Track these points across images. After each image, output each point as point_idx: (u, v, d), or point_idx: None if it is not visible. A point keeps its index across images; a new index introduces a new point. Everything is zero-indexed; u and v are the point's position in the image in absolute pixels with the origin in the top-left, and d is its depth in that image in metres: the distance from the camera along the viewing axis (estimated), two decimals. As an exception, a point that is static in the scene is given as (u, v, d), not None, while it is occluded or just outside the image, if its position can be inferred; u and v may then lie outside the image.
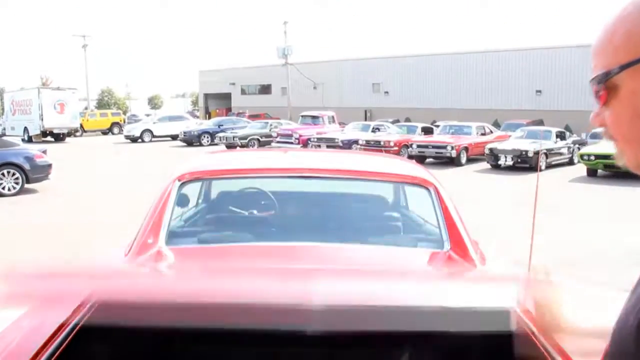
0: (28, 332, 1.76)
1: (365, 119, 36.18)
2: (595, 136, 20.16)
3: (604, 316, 1.58)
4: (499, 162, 18.04)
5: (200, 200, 3.53)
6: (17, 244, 7.87)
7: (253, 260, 2.47)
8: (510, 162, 17.73)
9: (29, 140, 30.69)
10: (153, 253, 2.46)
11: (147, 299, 1.70)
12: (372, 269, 2.35)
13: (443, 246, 2.66)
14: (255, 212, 3.12)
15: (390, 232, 3.05)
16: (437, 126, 24.06)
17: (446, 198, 2.85)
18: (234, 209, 3.20)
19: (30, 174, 12.64)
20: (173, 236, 2.66)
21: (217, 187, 3.53)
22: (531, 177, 16.31)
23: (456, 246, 2.63)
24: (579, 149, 17.91)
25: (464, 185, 14.09)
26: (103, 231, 8.78)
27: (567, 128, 25.35)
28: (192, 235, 2.93)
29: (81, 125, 36.83)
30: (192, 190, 3.28)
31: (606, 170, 16.14)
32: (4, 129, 36.29)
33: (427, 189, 2.90)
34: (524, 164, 17.53)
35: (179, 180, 2.83)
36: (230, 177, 3.05)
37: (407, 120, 32.70)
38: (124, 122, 42.60)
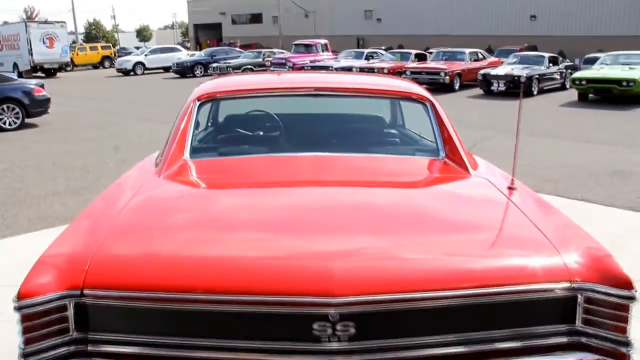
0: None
1: (358, 47, 35.81)
2: (588, 62, 20.25)
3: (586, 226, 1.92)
4: (492, 88, 18.21)
5: (209, 124, 3.85)
6: (31, 174, 8.21)
7: (269, 169, 2.84)
8: (503, 88, 17.90)
9: (20, 76, 30.39)
10: (180, 165, 2.82)
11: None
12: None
13: (439, 155, 3.02)
14: (262, 133, 3.44)
15: (389, 144, 3.39)
16: (431, 53, 24.00)
17: (441, 112, 3.18)
18: (243, 131, 3.51)
19: (30, 108, 12.78)
20: (195, 152, 3.01)
21: (226, 111, 3.83)
22: (524, 103, 16.55)
23: (451, 155, 2.99)
24: (571, 74, 18.03)
25: (456, 111, 14.35)
26: (109, 156, 9.17)
27: (562, 54, 25.33)
28: (212, 150, 3.27)
29: (72, 60, 36.37)
30: (202, 116, 3.59)
31: (597, 95, 16.39)
32: (-7, 65, 35.78)
33: (424, 104, 3.23)
34: (516, 89, 17.69)
35: (199, 100, 3.14)
36: (245, 96, 3.33)
37: (401, 47, 32.41)
38: (115, 55, 42.01)
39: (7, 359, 3.23)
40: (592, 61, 19.17)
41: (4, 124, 12.44)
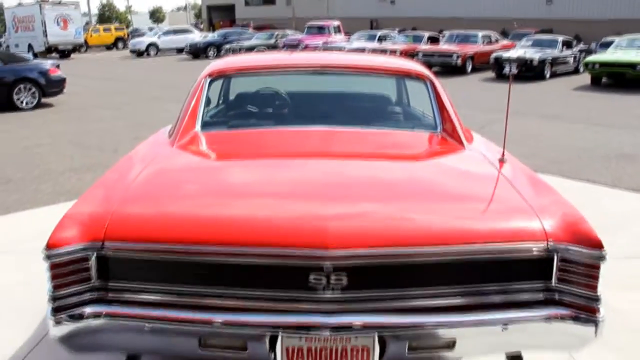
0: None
1: (371, 29, 35.67)
2: (604, 45, 20.03)
3: (589, 206, 2.07)
4: (504, 71, 18.16)
5: (220, 102, 4.04)
6: (48, 152, 8.47)
7: (275, 140, 3.04)
8: (514, 71, 17.83)
9: (34, 57, 30.71)
10: (192, 136, 3.02)
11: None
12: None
13: (436, 129, 3.20)
14: (270, 109, 3.62)
15: (391, 120, 3.56)
16: (444, 36, 23.93)
17: (440, 89, 3.35)
18: (251, 107, 3.69)
19: (46, 88, 13.04)
20: (206, 125, 3.21)
21: (235, 88, 4.01)
22: (534, 86, 16.55)
23: (447, 129, 3.16)
24: (585, 57, 17.92)
25: (467, 94, 14.43)
26: (123, 135, 9.40)
27: (577, 37, 25.06)
28: (222, 124, 3.46)
29: (85, 41, 36.64)
30: (213, 95, 3.77)
31: (610, 79, 16.30)
32: (8, 46, 36.13)
33: (424, 81, 3.40)
34: (529, 72, 17.66)
35: (210, 76, 3.34)
36: (254, 73, 3.50)
37: (414, 30, 32.25)
38: (128, 36, 42.22)
39: (32, 319, 3.47)
40: (609, 45, 18.97)
41: (21, 103, 12.71)
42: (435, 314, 2.02)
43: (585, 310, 2.05)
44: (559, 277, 2.07)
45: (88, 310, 2.03)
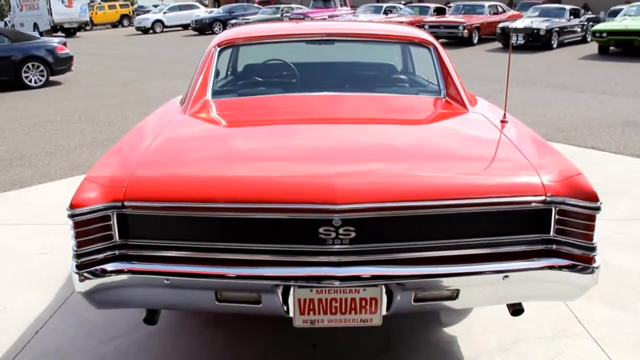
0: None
1: (377, 2, 35.31)
2: (613, 14, 19.80)
3: (592, 171, 2.16)
4: (511, 42, 17.99)
5: (229, 72, 4.12)
6: (59, 128, 8.60)
7: (284, 106, 3.13)
8: (521, 41, 17.74)
9: (40, 35, 30.70)
10: (203, 103, 3.12)
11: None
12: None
13: (440, 94, 3.28)
14: (278, 78, 3.70)
15: (396, 86, 3.64)
16: (450, 7, 23.71)
17: (444, 55, 3.42)
18: (260, 77, 3.77)
19: (54, 66, 13.10)
20: (216, 93, 3.31)
21: (244, 59, 4.09)
22: (542, 55, 16.45)
23: (451, 93, 3.24)
24: (592, 26, 17.74)
25: (473, 64, 14.39)
26: (132, 110, 9.51)
27: (586, 7, 24.72)
28: (231, 92, 3.56)
29: (90, 19, 36.55)
30: (222, 66, 3.85)
31: (618, 47, 16.17)
32: (13, 25, 36.09)
33: (427, 47, 3.46)
34: (536, 42, 17.53)
35: (219, 45, 3.43)
36: (261, 42, 3.58)
37: (420, 1, 31.90)
38: (133, 13, 42.04)
39: (52, 285, 3.63)
40: (617, 13, 18.75)
41: (30, 81, 12.80)
42: (439, 264, 2.13)
43: (582, 260, 2.15)
44: (557, 229, 2.17)
45: (110, 267, 2.15)
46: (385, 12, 23.96)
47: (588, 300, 3.25)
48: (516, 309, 2.38)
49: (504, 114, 2.85)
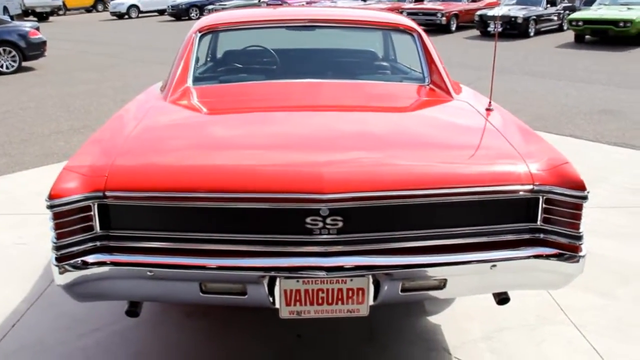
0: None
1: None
2: (588, 3, 19.98)
3: (570, 159, 2.16)
4: (488, 29, 18.13)
5: (208, 59, 4.04)
6: (33, 115, 8.39)
7: (266, 93, 3.07)
8: (499, 29, 17.82)
9: (11, 20, 29.89)
10: (184, 90, 3.05)
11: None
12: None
13: (424, 81, 3.25)
14: (259, 65, 3.64)
15: (379, 73, 3.61)
16: (429, -6, 23.69)
17: (428, 42, 3.39)
18: (240, 63, 3.70)
19: (26, 51, 12.74)
20: (197, 80, 3.24)
21: (224, 45, 4.01)
22: (519, 44, 16.55)
23: (435, 81, 3.21)
24: (569, 15, 17.90)
25: (452, 52, 14.41)
26: (108, 97, 9.33)
27: (561, -6, 24.90)
28: (212, 79, 3.48)
29: (64, 3, 35.68)
30: (202, 53, 3.77)
31: (593, 36, 16.34)
32: (-18, 8, 35.10)
33: (411, 34, 3.43)
34: (513, 30, 17.63)
35: (200, 31, 3.35)
36: (242, 27, 3.50)
37: (399, -11, 31.81)
38: (108, -2, 41.17)
39: (29, 277, 3.54)
40: (592, 2, 18.98)
41: (1, 67, 12.46)
42: (427, 254, 2.11)
43: (569, 249, 2.16)
44: (544, 218, 2.16)
45: (91, 258, 2.09)
46: (364, -1, 23.87)
47: (570, 288, 3.24)
48: (502, 298, 2.38)
49: (490, 102, 2.84)
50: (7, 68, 12.53)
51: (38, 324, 3.03)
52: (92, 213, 2.08)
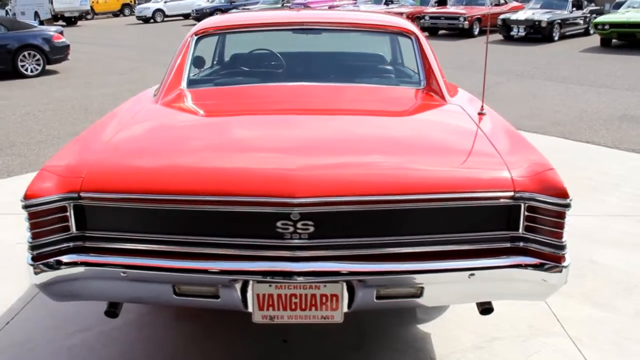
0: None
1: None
2: (618, 6, 19.53)
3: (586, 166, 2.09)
4: (512, 33, 17.87)
5: (214, 62, 4.04)
6: (51, 117, 8.54)
7: (255, 96, 3.06)
8: (522, 33, 17.56)
9: (41, 24, 30.55)
10: (177, 94, 3.06)
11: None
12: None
13: (420, 84, 3.20)
14: (258, 69, 3.62)
15: (373, 76, 3.56)
16: (453, -2, 23.51)
17: (425, 45, 3.34)
18: (239, 67, 3.70)
19: (50, 55, 13.02)
20: (192, 83, 3.24)
21: (230, 50, 4.01)
22: (542, 48, 16.29)
23: (431, 85, 3.16)
24: (595, 18, 17.53)
25: (473, 56, 14.24)
26: (128, 97, 9.42)
27: (590, -2, 24.44)
28: (208, 82, 3.49)
29: (91, 8, 36.37)
30: (206, 54, 3.77)
31: (620, 40, 15.97)
32: (14, 14, 35.90)
33: (409, 37, 3.38)
34: (537, 34, 17.35)
35: (196, 35, 3.35)
36: (240, 31, 3.49)
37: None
38: (135, 2, 41.83)
39: (26, 277, 3.58)
40: (622, 5, 18.56)
41: (26, 70, 12.72)
42: (402, 261, 2.06)
43: (551, 258, 2.08)
44: (526, 226, 2.10)
45: (65, 258, 2.10)
46: (387, 3, 23.74)
47: (568, 298, 3.19)
48: (485, 308, 2.31)
49: (482, 106, 2.78)
50: (32, 71, 12.79)
51: (30, 323, 3.06)
52: (67, 214, 2.09)
